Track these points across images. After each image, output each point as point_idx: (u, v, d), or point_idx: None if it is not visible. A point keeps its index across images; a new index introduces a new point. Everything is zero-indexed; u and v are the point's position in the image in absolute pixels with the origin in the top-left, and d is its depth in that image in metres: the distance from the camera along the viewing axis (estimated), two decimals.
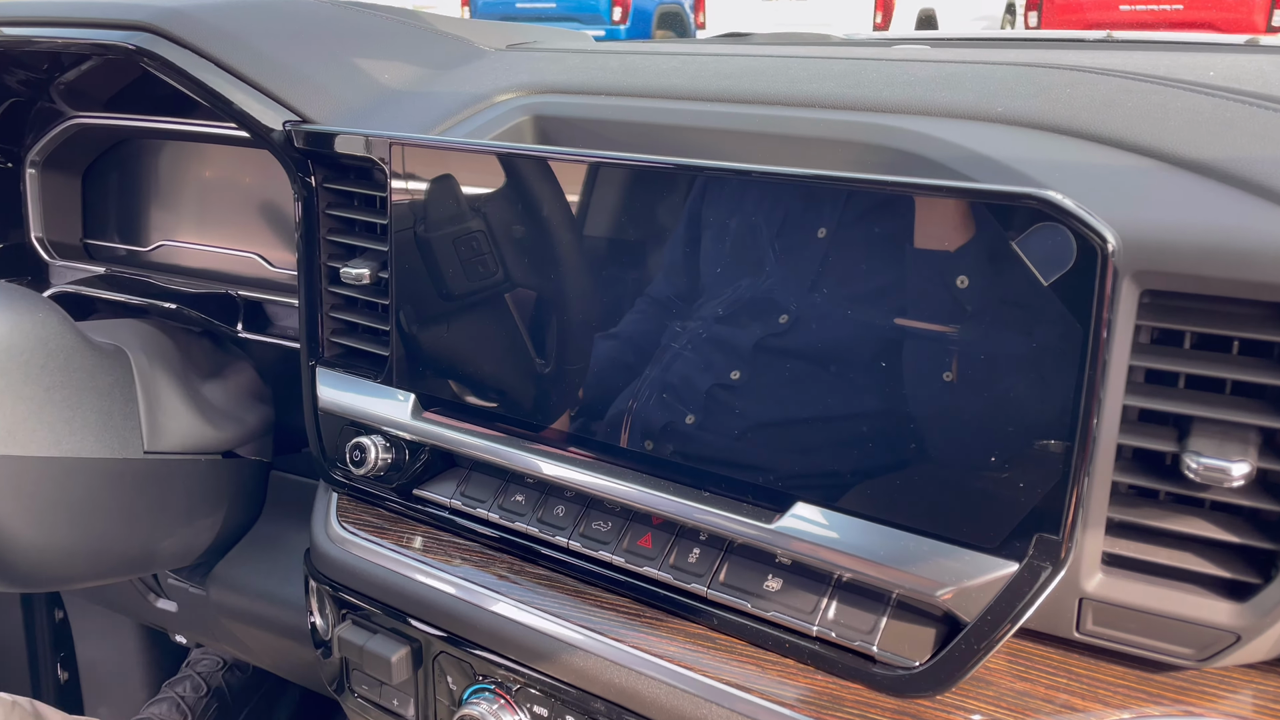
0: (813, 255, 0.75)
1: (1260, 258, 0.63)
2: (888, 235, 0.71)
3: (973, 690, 0.74)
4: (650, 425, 0.84)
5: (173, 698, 1.77)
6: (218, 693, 1.79)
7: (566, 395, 0.89)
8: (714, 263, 0.80)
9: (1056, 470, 0.67)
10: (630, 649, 0.82)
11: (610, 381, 0.86)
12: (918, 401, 0.72)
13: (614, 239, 0.85)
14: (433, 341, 0.97)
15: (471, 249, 0.93)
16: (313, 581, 1.03)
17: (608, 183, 0.85)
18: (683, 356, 0.82)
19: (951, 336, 0.70)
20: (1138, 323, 0.68)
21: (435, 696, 0.94)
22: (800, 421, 0.77)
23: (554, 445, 0.90)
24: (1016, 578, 0.69)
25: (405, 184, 0.96)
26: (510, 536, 0.93)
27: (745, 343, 0.79)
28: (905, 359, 0.72)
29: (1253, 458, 0.65)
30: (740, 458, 0.80)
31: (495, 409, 0.94)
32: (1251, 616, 0.67)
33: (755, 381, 0.78)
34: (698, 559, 0.84)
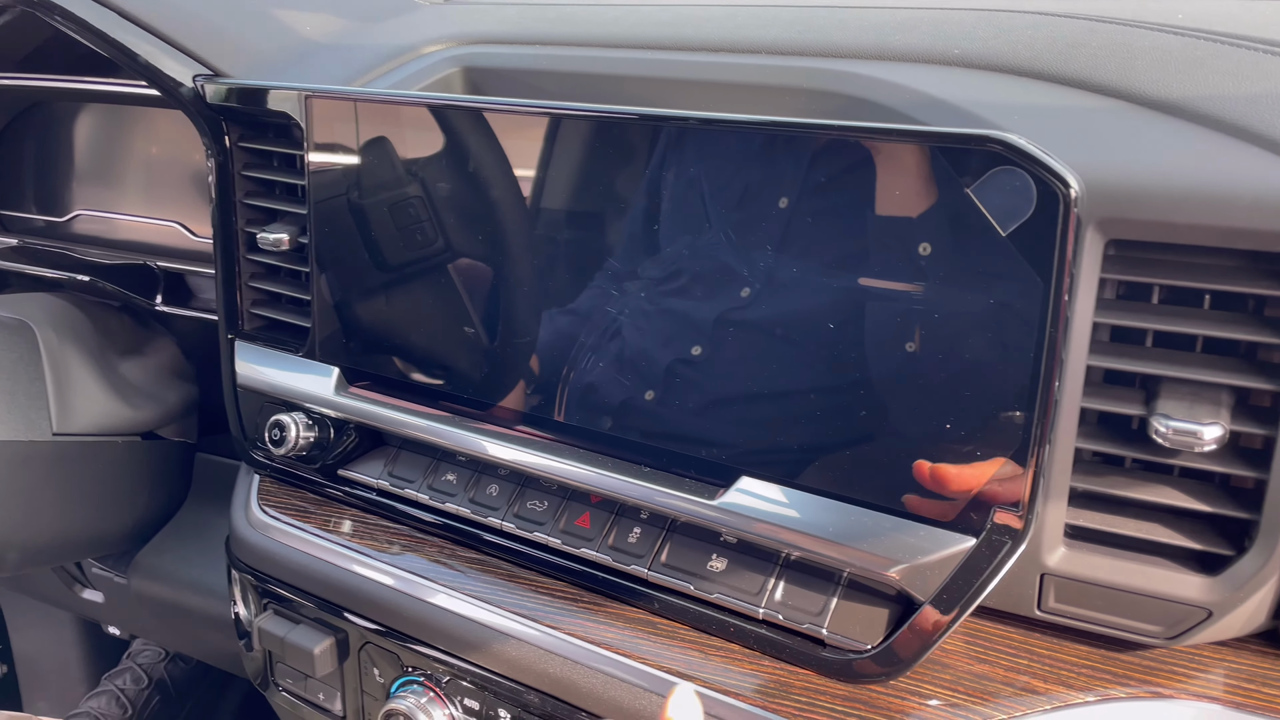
0: (774, 225, 0.69)
1: (1235, 201, 0.58)
2: (850, 203, 0.65)
3: (928, 674, 0.69)
4: (591, 399, 0.78)
5: (112, 690, 1.70)
6: (160, 685, 1.72)
7: (498, 367, 0.83)
8: (670, 233, 0.74)
9: (1016, 438, 0.62)
10: (565, 636, 0.77)
11: (544, 354, 0.80)
12: (877, 371, 0.66)
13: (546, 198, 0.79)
14: (358, 312, 0.90)
15: (396, 210, 0.86)
16: (234, 570, 0.96)
17: (537, 137, 0.78)
18: (638, 330, 0.76)
19: (914, 305, 0.64)
20: (1102, 276, 0.63)
21: (362, 689, 0.88)
22: (758, 396, 0.71)
23: (487, 421, 0.84)
24: (973, 554, 0.64)
25: (322, 141, 0.89)
26: (441, 518, 0.87)
27: (707, 316, 0.73)
28: (867, 329, 0.66)
29: (1225, 420, 0.60)
30: (689, 432, 0.74)
31: (424, 383, 0.87)
32: (1223, 591, 0.63)
33: (717, 356, 0.72)
34: (638, 539, 0.79)
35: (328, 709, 0.91)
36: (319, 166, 0.90)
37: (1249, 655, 0.67)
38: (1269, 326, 0.60)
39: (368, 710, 0.88)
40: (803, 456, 0.70)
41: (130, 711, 1.67)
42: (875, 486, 0.67)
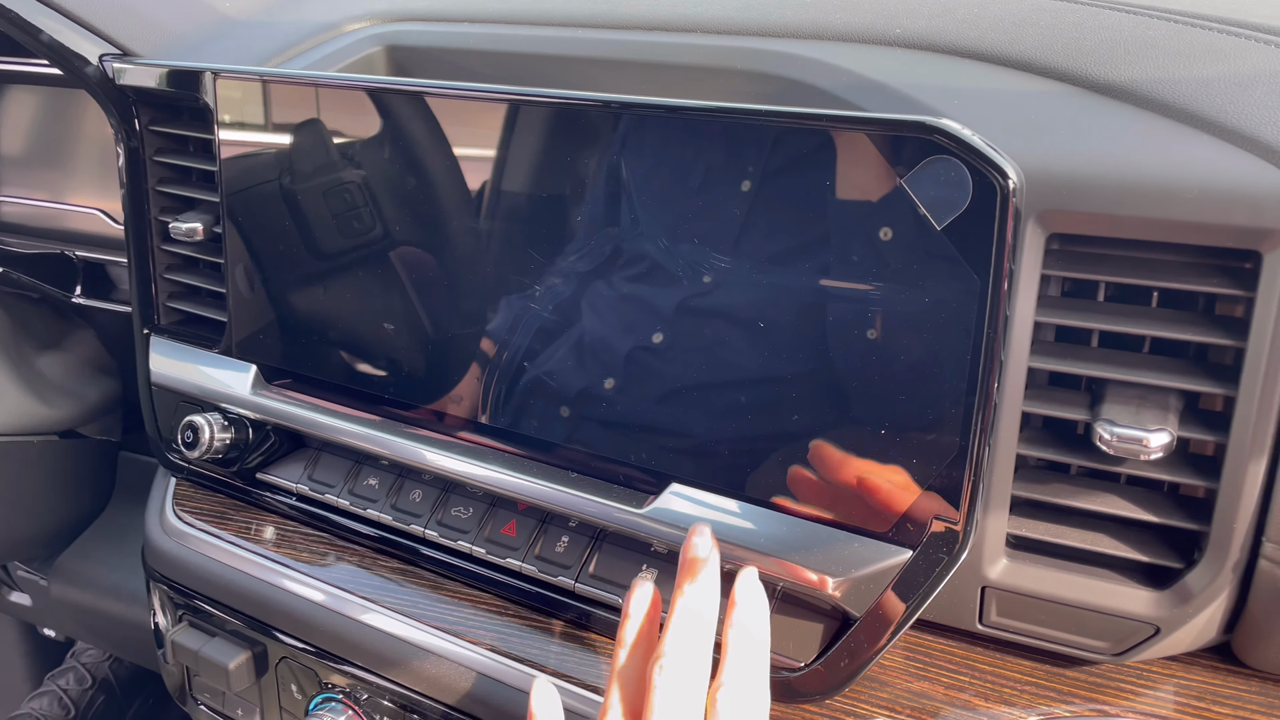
0: (736, 210, 0.64)
1: (1182, 193, 0.54)
2: (812, 187, 0.61)
3: (865, 692, 0.66)
4: (523, 400, 0.74)
5: (55, 691, 1.64)
6: (104, 685, 1.66)
7: (421, 365, 0.78)
8: (599, 215, 0.69)
9: (954, 443, 0.58)
10: (488, 653, 0.73)
11: (470, 352, 0.75)
12: (815, 369, 0.62)
13: (474, 184, 0.74)
14: (276, 306, 0.85)
15: (312, 199, 0.81)
16: (150, 580, 0.92)
17: (466, 121, 0.74)
18: (580, 323, 0.71)
19: (870, 295, 0.59)
20: (1044, 272, 0.59)
21: (281, 706, 0.84)
22: (699, 393, 0.67)
23: (410, 423, 0.80)
24: (910, 566, 0.60)
25: (233, 123, 0.84)
26: (362, 525, 0.83)
27: (668, 303, 0.67)
28: (829, 321, 0.61)
29: (1173, 425, 0.56)
30: (623, 432, 0.70)
31: (344, 382, 0.82)
32: (1171, 606, 0.59)
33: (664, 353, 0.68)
34: (566, 549, 0.74)
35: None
36: (231, 151, 0.84)
37: (1199, 671, 0.64)
38: (1220, 326, 0.56)
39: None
40: (735, 462, 0.66)
41: (73, 712, 1.62)
42: (809, 495, 0.63)
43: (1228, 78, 0.59)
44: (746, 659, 0.56)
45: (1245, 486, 0.56)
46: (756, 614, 0.57)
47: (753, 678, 0.55)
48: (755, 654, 0.56)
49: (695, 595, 0.57)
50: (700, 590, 0.58)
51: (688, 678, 0.54)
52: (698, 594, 0.57)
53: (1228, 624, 0.61)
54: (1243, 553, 0.57)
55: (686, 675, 0.54)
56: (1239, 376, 0.55)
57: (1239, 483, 0.56)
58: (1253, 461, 0.55)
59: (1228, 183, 0.53)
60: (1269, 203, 0.52)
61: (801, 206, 0.61)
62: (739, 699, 0.54)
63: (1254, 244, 0.53)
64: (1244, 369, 0.54)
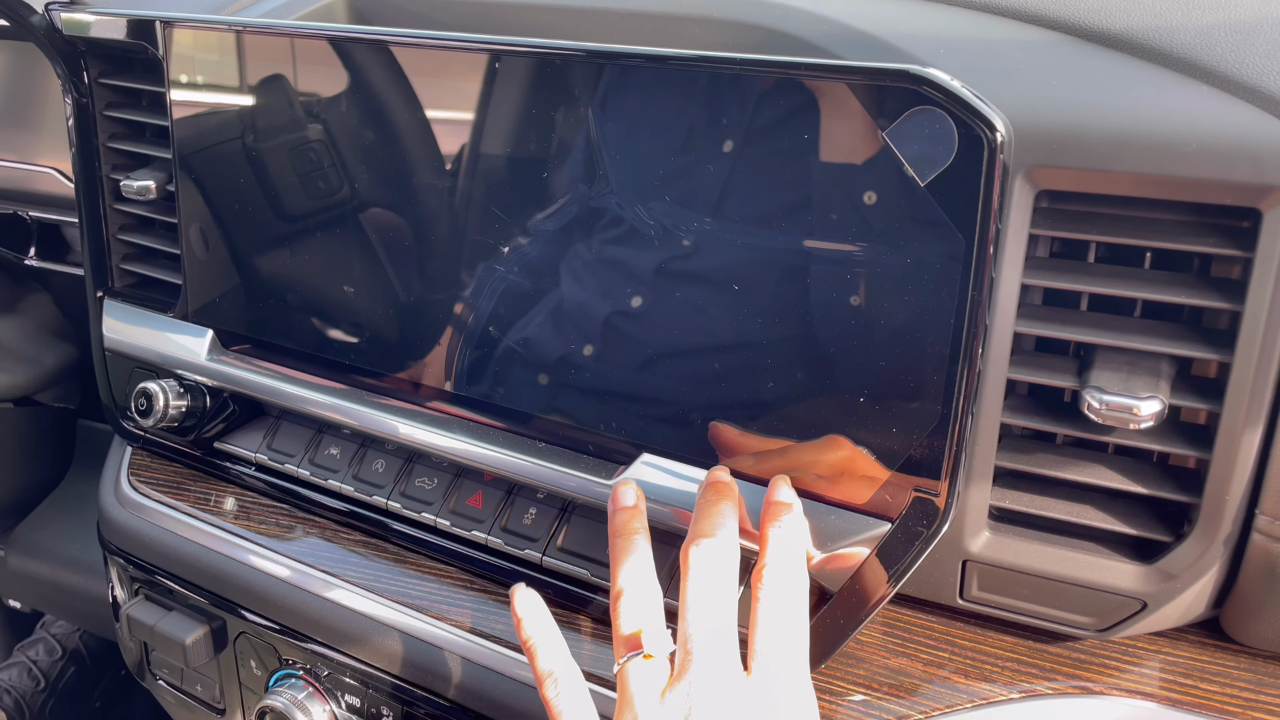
0: (718, 171, 0.60)
1: (1179, 147, 0.50)
2: (796, 146, 0.57)
3: (841, 668, 0.63)
4: (488, 369, 0.71)
5: (24, 662, 1.61)
6: (74, 656, 1.63)
7: (382, 329, 0.75)
8: (576, 176, 0.65)
9: (935, 412, 0.55)
10: (452, 629, 0.70)
11: (437, 318, 0.72)
12: (795, 334, 0.59)
13: (445, 141, 0.70)
14: (233, 268, 0.81)
15: (269, 156, 0.77)
16: (105, 552, 0.89)
17: (430, 72, 0.70)
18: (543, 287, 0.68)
19: (852, 256, 0.56)
20: (1032, 232, 0.56)
21: (240, 682, 0.81)
22: (677, 356, 0.64)
23: (372, 390, 0.76)
24: (889, 539, 0.58)
25: (184, 75, 0.80)
26: (323, 496, 0.80)
27: (647, 266, 0.64)
28: (809, 284, 0.58)
29: (1164, 393, 0.54)
30: (586, 405, 0.67)
31: (304, 348, 0.79)
32: (1159, 580, 0.57)
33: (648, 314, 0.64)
34: (533, 521, 0.72)
35: (207, 701, 0.85)
36: (183, 104, 0.80)
37: (1186, 647, 0.62)
38: (1216, 289, 0.53)
39: (247, 704, 0.81)
40: (709, 432, 0.63)
41: (44, 683, 1.59)
42: (784, 466, 0.61)
43: (1228, 25, 0.56)
44: (787, 545, 0.57)
45: (1239, 457, 0.53)
46: (794, 512, 0.58)
47: (793, 562, 0.56)
48: (795, 541, 0.57)
49: (724, 482, 0.60)
50: (727, 481, 0.60)
51: (724, 557, 0.56)
52: (726, 482, 0.60)
53: (1217, 599, 0.59)
54: (1234, 525, 0.55)
55: (723, 554, 0.56)
56: (1235, 341, 0.52)
57: (1232, 453, 0.53)
58: (1247, 431, 0.53)
59: (1227, 136, 0.50)
60: (1270, 157, 0.49)
61: (785, 167, 0.57)
62: (781, 580, 0.55)
63: (1253, 201, 0.50)
64: (1240, 333, 0.52)
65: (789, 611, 0.54)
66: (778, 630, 0.53)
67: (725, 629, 0.54)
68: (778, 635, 0.53)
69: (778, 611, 0.54)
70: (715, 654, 0.52)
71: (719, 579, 0.55)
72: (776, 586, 0.55)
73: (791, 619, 0.54)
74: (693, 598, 0.54)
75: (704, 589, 0.55)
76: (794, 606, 0.55)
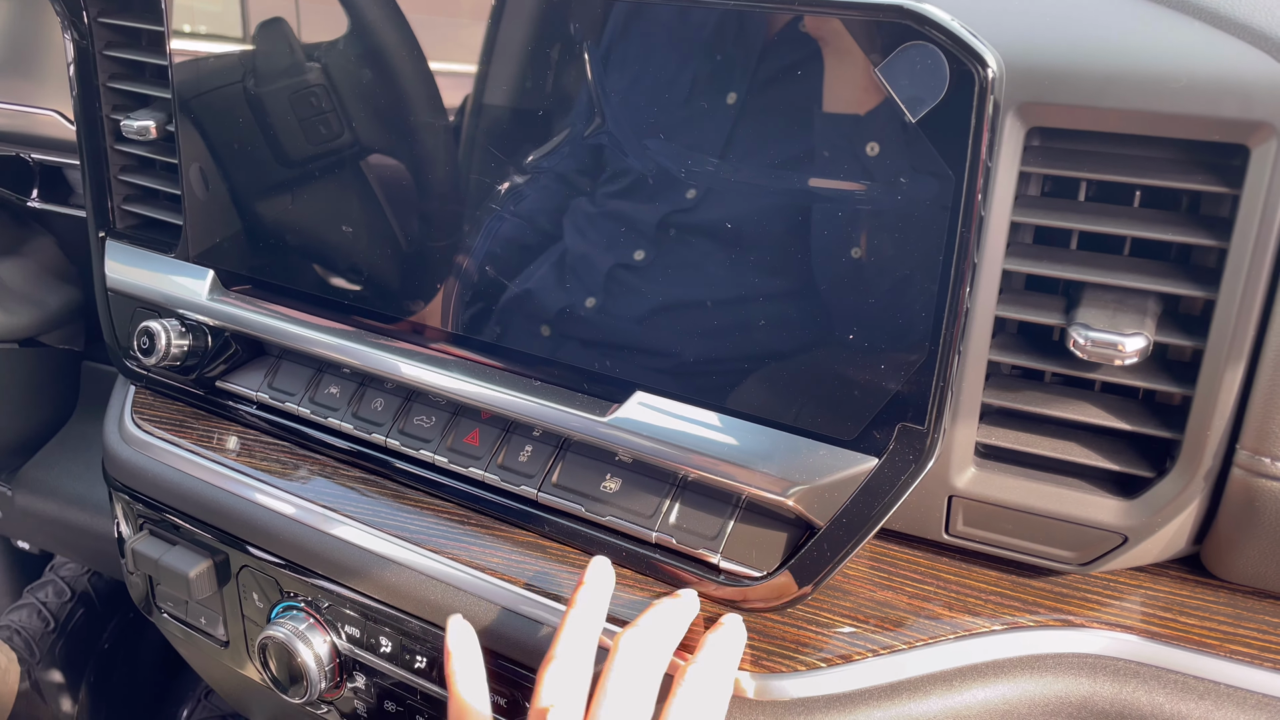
0: (721, 123, 0.60)
1: (1170, 83, 0.51)
2: (800, 100, 0.57)
3: (828, 600, 0.65)
4: (486, 310, 0.72)
5: (34, 603, 1.64)
6: (83, 598, 1.66)
7: (383, 271, 0.76)
8: (579, 127, 0.65)
9: (924, 348, 0.56)
10: (449, 562, 0.71)
11: (436, 260, 0.73)
12: (788, 274, 0.60)
13: (451, 87, 0.70)
14: (233, 208, 0.82)
15: (272, 96, 0.77)
16: (110, 489, 0.90)
17: (434, 13, 0.70)
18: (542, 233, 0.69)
19: (844, 194, 0.57)
20: (1023, 169, 0.56)
21: (243, 615, 0.83)
22: (678, 305, 0.64)
23: (372, 330, 0.77)
24: (875, 474, 0.59)
25: (186, 15, 0.80)
26: (323, 434, 0.81)
27: (650, 219, 0.65)
28: (813, 235, 0.58)
29: (1149, 330, 0.54)
30: (593, 340, 0.68)
31: (305, 288, 0.80)
32: (1141, 515, 0.58)
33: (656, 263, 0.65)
34: (529, 458, 0.73)
35: (212, 634, 0.86)
36: (182, 43, 0.80)
37: (1167, 582, 0.63)
38: (1203, 227, 0.54)
39: (250, 636, 0.83)
40: (700, 369, 0.64)
41: (53, 624, 1.62)
42: (776, 402, 0.62)
43: None
44: (723, 650, 0.60)
45: (1221, 392, 0.54)
46: (737, 627, 0.62)
47: (724, 667, 0.59)
48: (732, 649, 0.60)
49: (678, 603, 0.63)
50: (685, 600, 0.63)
51: (656, 650, 0.59)
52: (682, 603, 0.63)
53: (1197, 535, 0.60)
54: (1215, 460, 0.56)
55: (656, 647, 0.59)
56: (1220, 278, 0.53)
57: (1215, 388, 0.54)
58: (1230, 366, 0.53)
59: (1216, 72, 0.50)
60: (1259, 93, 0.49)
61: (786, 115, 0.58)
62: (706, 679, 0.58)
63: (1242, 138, 0.51)
64: (1225, 270, 0.52)
65: (705, 711, 0.56)
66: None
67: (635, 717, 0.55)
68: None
69: (692, 708, 0.56)
70: None
71: (643, 670, 0.57)
72: (699, 683, 0.57)
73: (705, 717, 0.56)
74: (611, 682, 0.56)
75: (625, 675, 0.56)
76: (711, 708, 0.57)
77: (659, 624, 0.60)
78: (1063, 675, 0.60)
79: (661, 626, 0.60)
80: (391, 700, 0.76)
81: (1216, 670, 0.58)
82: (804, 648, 0.62)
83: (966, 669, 0.60)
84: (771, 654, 0.62)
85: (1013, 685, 0.60)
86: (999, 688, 0.60)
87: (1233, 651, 0.58)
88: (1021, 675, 0.60)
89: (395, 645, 0.74)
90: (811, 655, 0.62)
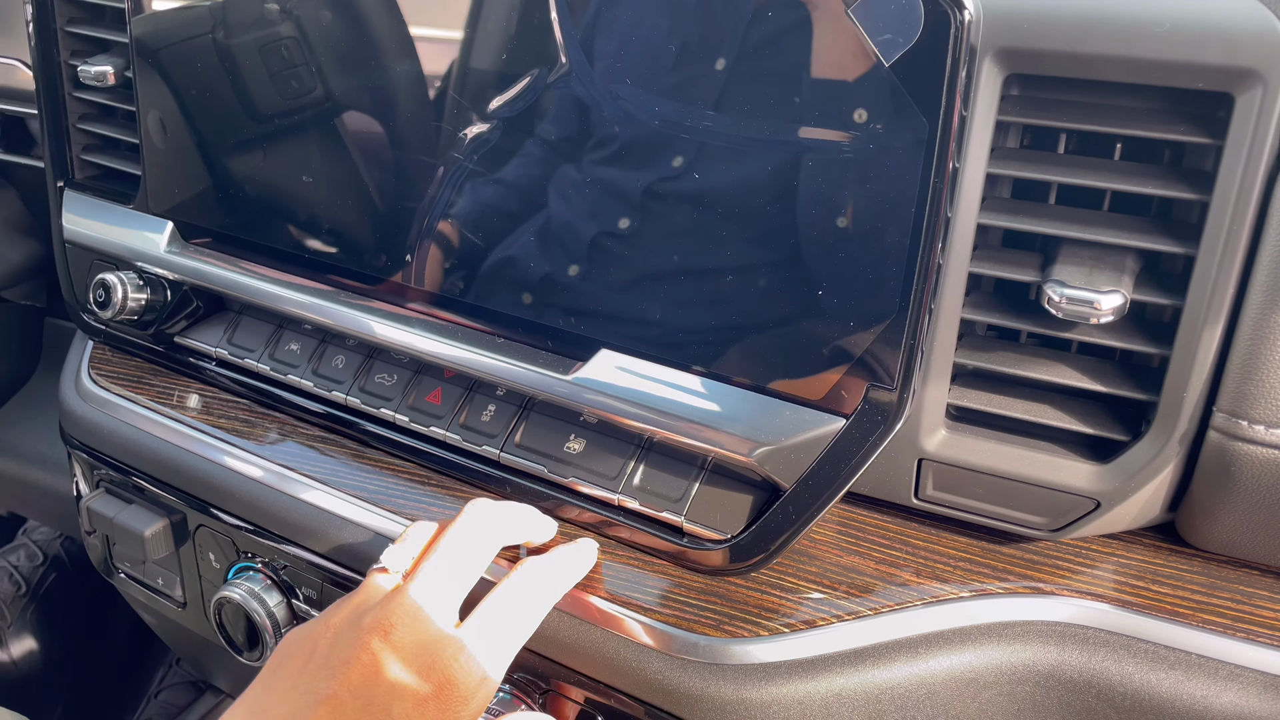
0: (709, 90, 0.58)
1: (1153, 27, 0.48)
2: (788, 66, 0.55)
3: (793, 565, 0.63)
4: (451, 267, 0.69)
5: (5, 567, 1.62)
6: (55, 562, 1.64)
7: (345, 225, 0.73)
8: (563, 89, 0.63)
9: (893, 306, 0.54)
10: (408, 523, 0.69)
11: (399, 216, 0.70)
12: (755, 228, 0.58)
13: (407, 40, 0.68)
14: (193, 159, 0.79)
15: (235, 37, 0.75)
16: (67, 446, 0.88)
17: None
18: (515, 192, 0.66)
19: (835, 169, 0.54)
20: (1000, 119, 0.54)
21: (200, 575, 0.81)
22: (662, 274, 0.62)
23: (332, 286, 0.75)
24: (843, 436, 0.57)
25: None
26: (282, 392, 0.79)
27: (636, 187, 0.62)
28: (797, 197, 0.56)
29: (1127, 288, 0.52)
30: (543, 302, 0.66)
31: (266, 241, 0.77)
32: (1114, 480, 0.56)
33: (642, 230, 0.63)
34: (492, 418, 0.71)
35: (170, 595, 0.85)
36: None
37: (1140, 550, 0.62)
38: (1186, 181, 0.52)
39: (207, 596, 0.81)
40: (666, 327, 0.62)
41: (24, 588, 1.60)
42: (743, 363, 0.60)
43: None
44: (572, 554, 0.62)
45: (1199, 353, 0.52)
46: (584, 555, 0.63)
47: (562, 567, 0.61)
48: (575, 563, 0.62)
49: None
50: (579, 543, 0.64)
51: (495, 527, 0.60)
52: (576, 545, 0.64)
53: (1172, 501, 0.58)
54: (1191, 424, 0.54)
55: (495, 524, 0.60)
56: (1200, 234, 0.51)
57: (1192, 349, 0.52)
58: (1208, 326, 0.52)
59: (1200, 17, 0.48)
60: (1245, 39, 0.47)
61: (774, 78, 0.55)
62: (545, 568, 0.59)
63: (1227, 86, 0.48)
64: (1207, 224, 0.50)
65: (530, 600, 0.57)
66: (508, 609, 0.56)
67: (457, 579, 0.56)
68: (503, 614, 0.56)
69: (508, 602, 0.56)
70: (433, 593, 0.55)
71: (480, 541, 0.58)
72: (524, 579, 0.58)
73: (527, 608, 0.57)
74: (447, 539, 0.57)
75: (462, 536, 0.58)
76: (525, 608, 0.57)
77: (516, 511, 0.62)
78: (1031, 643, 0.58)
79: (518, 512, 0.62)
80: None
81: (1188, 640, 0.56)
82: (768, 612, 0.60)
83: (933, 635, 0.59)
84: (735, 618, 0.60)
85: (980, 653, 0.58)
86: (966, 655, 0.58)
87: (1205, 621, 0.57)
88: (989, 643, 0.59)
89: None
90: (776, 620, 0.60)
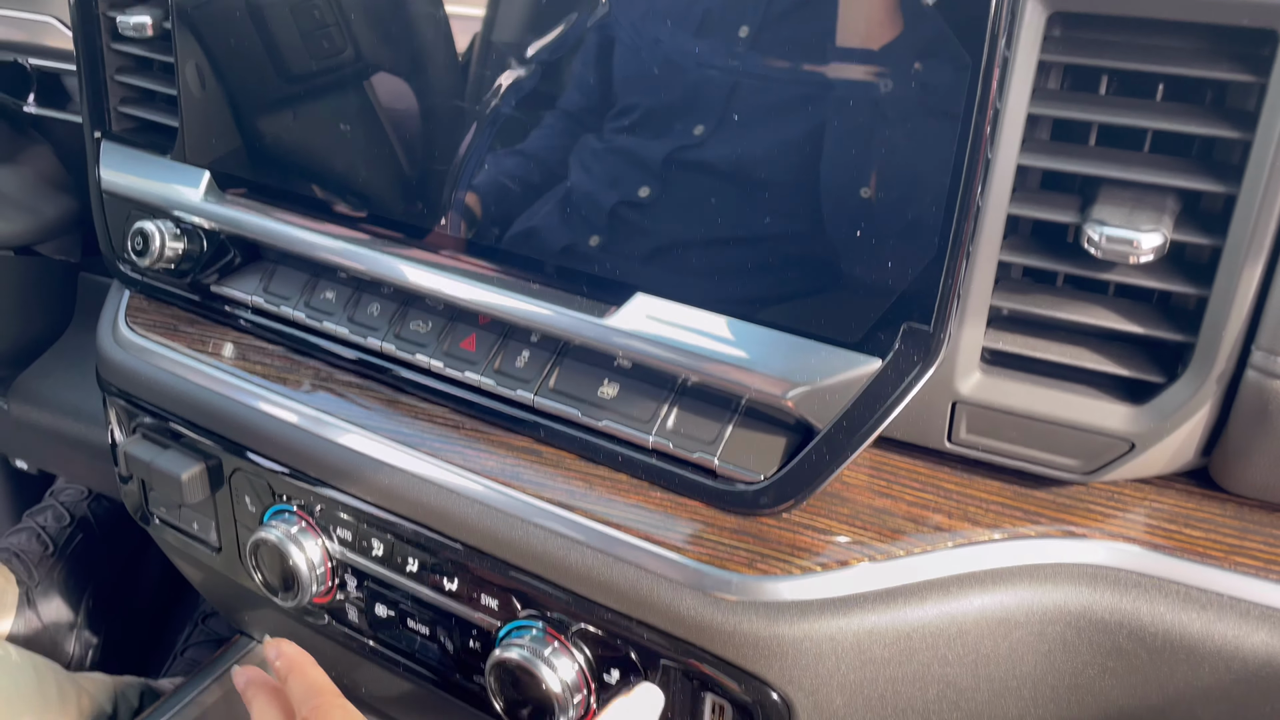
0: (733, 57, 0.58)
1: None
2: (813, 33, 0.55)
3: (824, 507, 0.64)
4: (484, 213, 0.70)
5: (33, 527, 1.64)
6: (82, 523, 1.66)
7: (382, 175, 0.74)
8: (611, 63, 0.63)
9: (932, 246, 0.54)
10: (442, 464, 0.70)
11: (434, 165, 0.71)
12: (795, 171, 0.58)
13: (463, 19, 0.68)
14: (231, 109, 0.80)
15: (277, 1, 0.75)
16: (104, 394, 0.89)
17: None
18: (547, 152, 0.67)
19: (870, 107, 0.55)
20: (1043, 58, 0.54)
21: (235, 519, 0.82)
22: (696, 233, 0.63)
23: (367, 235, 0.76)
24: (878, 377, 0.57)
25: None
26: (318, 339, 0.80)
27: (656, 156, 0.63)
28: (825, 140, 0.57)
29: (1167, 228, 0.52)
30: (581, 248, 0.66)
31: (301, 191, 0.78)
32: (1149, 421, 0.57)
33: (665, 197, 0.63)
34: (526, 363, 0.72)
35: (204, 539, 0.86)
36: None
37: (1173, 494, 0.62)
38: (1229, 120, 0.52)
39: (242, 540, 0.82)
40: (703, 270, 0.62)
41: (52, 548, 1.62)
42: (779, 305, 0.60)
43: None
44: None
45: (1238, 292, 0.52)
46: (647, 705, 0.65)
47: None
48: None
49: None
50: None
51: None
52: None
53: (1206, 446, 0.58)
54: (1228, 364, 0.54)
55: None
56: (1242, 173, 0.51)
57: (1232, 288, 0.52)
58: (1248, 265, 0.52)
59: None
60: None
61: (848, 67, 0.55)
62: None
63: (1271, 22, 0.48)
64: (1249, 162, 0.50)
65: None
66: None
67: None
68: None
69: None
70: None
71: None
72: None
73: None
74: None
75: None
76: None
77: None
78: (1062, 584, 0.59)
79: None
80: (383, 604, 0.76)
81: (1220, 581, 0.57)
82: (800, 551, 0.61)
83: (965, 576, 0.59)
84: (767, 557, 0.61)
85: (1011, 593, 0.59)
86: (997, 595, 0.59)
87: (1237, 563, 0.57)
88: (1021, 584, 0.59)
89: (387, 549, 0.73)
90: (807, 559, 0.61)
